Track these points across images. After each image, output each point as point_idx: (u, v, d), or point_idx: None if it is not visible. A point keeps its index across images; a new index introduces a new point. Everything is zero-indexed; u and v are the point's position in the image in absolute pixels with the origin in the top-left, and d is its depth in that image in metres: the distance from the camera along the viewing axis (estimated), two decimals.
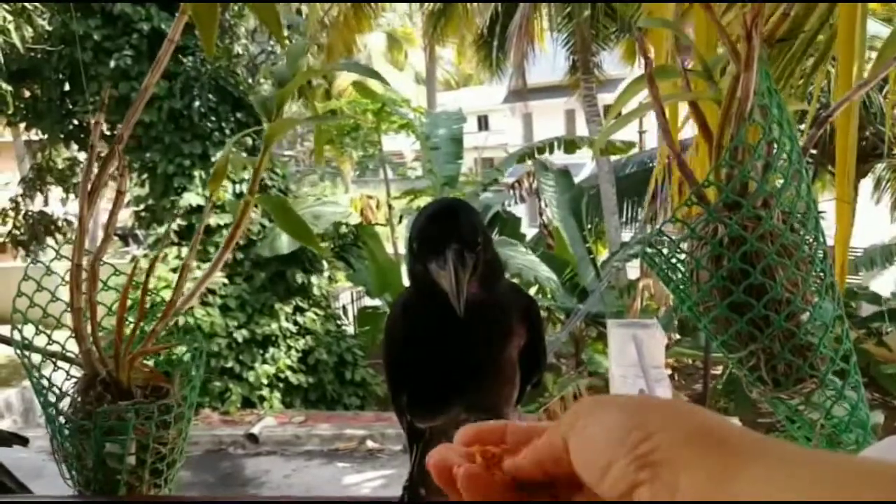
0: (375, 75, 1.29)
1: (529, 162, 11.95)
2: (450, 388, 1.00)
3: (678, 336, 8.92)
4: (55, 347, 1.25)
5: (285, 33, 10.00)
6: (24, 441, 1.34)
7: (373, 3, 13.79)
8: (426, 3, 13.97)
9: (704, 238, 1.04)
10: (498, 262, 0.96)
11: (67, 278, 1.17)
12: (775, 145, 1.02)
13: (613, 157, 11.19)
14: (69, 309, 1.17)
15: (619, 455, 0.34)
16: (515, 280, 10.62)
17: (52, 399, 1.20)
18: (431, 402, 1.05)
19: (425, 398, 1.05)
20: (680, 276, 1.11)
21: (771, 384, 1.06)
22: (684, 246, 1.11)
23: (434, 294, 0.87)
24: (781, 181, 1.03)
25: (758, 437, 0.34)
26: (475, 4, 13.38)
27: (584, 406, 0.39)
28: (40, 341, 1.22)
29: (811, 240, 1.06)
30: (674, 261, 1.11)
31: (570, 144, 11.54)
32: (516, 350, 1.00)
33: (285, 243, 8.58)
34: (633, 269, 10.37)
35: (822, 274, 1.06)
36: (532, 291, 10.87)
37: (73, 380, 1.23)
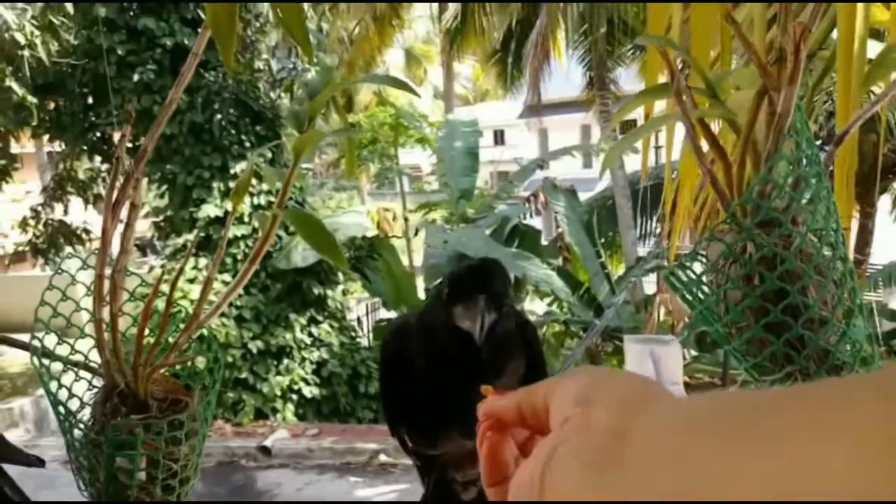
0: (404, 86, 1.29)
1: (540, 173, 11.96)
2: (447, 416, 1.02)
3: (696, 352, 8.84)
4: (77, 357, 1.25)
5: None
6: (41, 463, 1.35)
7: (395, 20, 13.88)
8: (444, 20, 14.06)
9: (738, 257, 1.03)
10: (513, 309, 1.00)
11: (91, 289, 1.18)
12: (804, 162, 1.02)
13: (629, 171, 11.17)
14: (92, 319, 1.18)
15: (568, 415, 0.39)
16: (532, 292, 10.62)
17: (69, 410, 1.20)
18: (430, 430, 1.07)
19: (424, 427, 1.06)
20: (707, 297, 1.10)
21: None
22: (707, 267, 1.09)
23: (452, 333, 0.92)
24: (811, 199, 1.03)
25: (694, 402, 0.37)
26: (492, 19, 13.44)
27: (567, 372, 0.44)
28: (63, 350, 1.22)
29: (840, 257, 1.05)
30: (703, 280, 1.10)
31: (587, 157, 11.54)
32: (518, 378, 1.03)
33: (301, 256, 8.61)
34: (649, 284, 10.31)
35: (851, 292, 1.05)
36: (547, 303, 10.85)
37: (93, 390, 1.23)
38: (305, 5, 9.37)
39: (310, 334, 9.14)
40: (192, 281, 8.22)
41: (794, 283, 1.00)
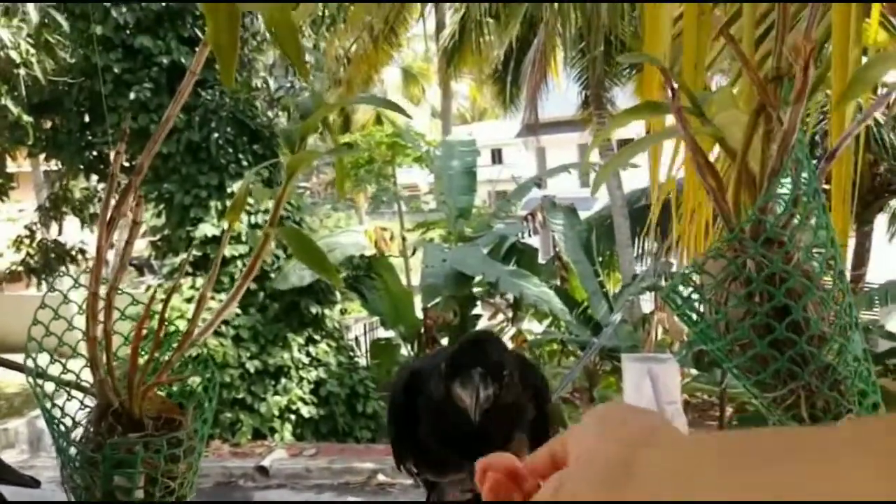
0: (396, 108, 1.30)
1: (538, 192, 11.99)
2: (457, 454, 1.04)
3: (694, 371, 8.81)
4: (70, 377, 1.24)
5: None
6: (36, 484, 1.34)
7: (392, 39, 13.96)
8: (442, 39, 14.15)
9: (739, 275, 1.03)
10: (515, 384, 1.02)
11: (84, 307, 1.17)
12: (804, 180, 1.02)
13: (627, 190, 11.20)
14: (85, 338, 1.17)
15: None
16: (532, 310, 10.60)
17: (64, 429, 1.19)
18: (439, 464, 1.11)
19: (432, 461, 1.10)
20: (706, 315, 1.10)
21: (809, 421, 1.05)
22: (708, 283, 1.09)
23: (447, 409, 0.96)
24: (810, 216, 1.03)
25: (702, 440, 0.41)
26: (490, 38, 13.53)
27: (586, 414, 0.48)
28: (55, 370, 1.22)
29: (838, 274, 1.05)
30: (705, 297, 1.10)
31: (584, 176, 11.58)
32: (526, 425, 1.07)
33: (298, 276, 8.60)
34: (646, 303, 10.30)
35: (848, 308, 1.06)
36: (546, 323, 10.84)
37: (87, 410, 1.23)
38: (302, 24, 9.43)
39: (307, 354, 9.10)
40: (189, 300, 8.20)
41: (797, 301, 1.00)
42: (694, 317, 1.12)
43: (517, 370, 1.00)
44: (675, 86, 1.01)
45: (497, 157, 28.70)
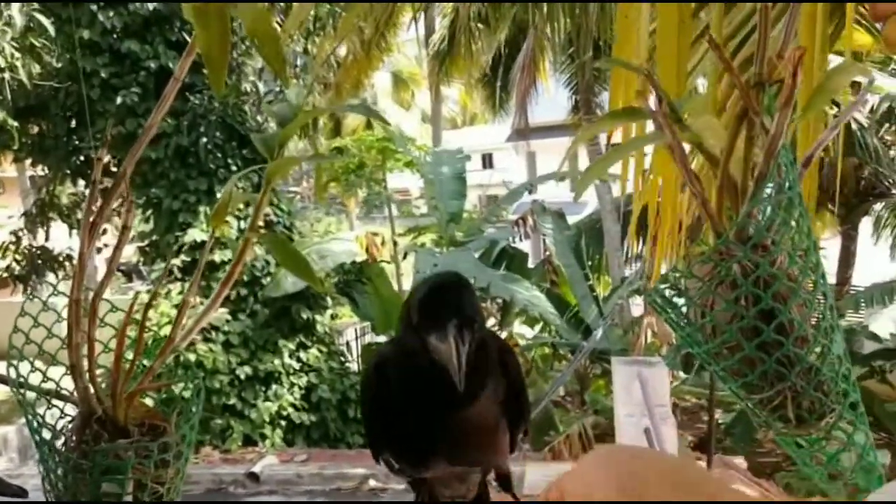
0: (377, 116, 1.30)
1: (529, 197, 12.02)
2: (431, 443, 1.01)
3: (683, 374, 8.84)
4: (51, 385, 1.24)
5: (290, 72, 10.14)
6: (24, 493, 1.34)
7: (383, 44, 13.96)
8: (432, 43, 14.16)
9: (724, 278, 1.04)
10: (484, 328, 0.97)
11: (65, 314, 1.17)
12: (787, 184, 1.03)
13: (616, 194, 11.24)
14: (66, 346, 1.16)
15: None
16: (522, 316, 10.62)
17: (47, 437, 1.19)
18: (415, 457, 1.06)
19: (408, 454, 1.05)
20: (691, 319, 1.11)
21: (794, 422, 1.06)
22: (693, 287, 1.10)
23: (428, 364, 0.89)
24: (794, 220, 1.05)
25: (730, 488, 0.37)
26: (480, 43, 13.55)
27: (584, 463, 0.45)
28: (35, 378, 1.21)
29: (820, 276, 1.07)
30: (693, 300, 1.11)
31: (575, 181, 11.60)
32: (497, 402, 1.01)
33: (290, 282, 8.58)
34: (636, 306, 10.33)
35: (830, 310, 1.08)
36: (538, 328, 10.85)
37: (69, 418, 1.22)
38: (295, 31, 9.41)
39: (298, 359, 9.07)
40: (178, 306, 8.16)
41: (783, 303, 1.02)
42: (679, 320, 1.12)
43: (488, 339, 0.96)
44: (656, 92, 1.01)
45: (488, 161, 28.76)
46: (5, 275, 10.38)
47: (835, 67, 1.17)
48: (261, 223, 1.26)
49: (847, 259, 10.49)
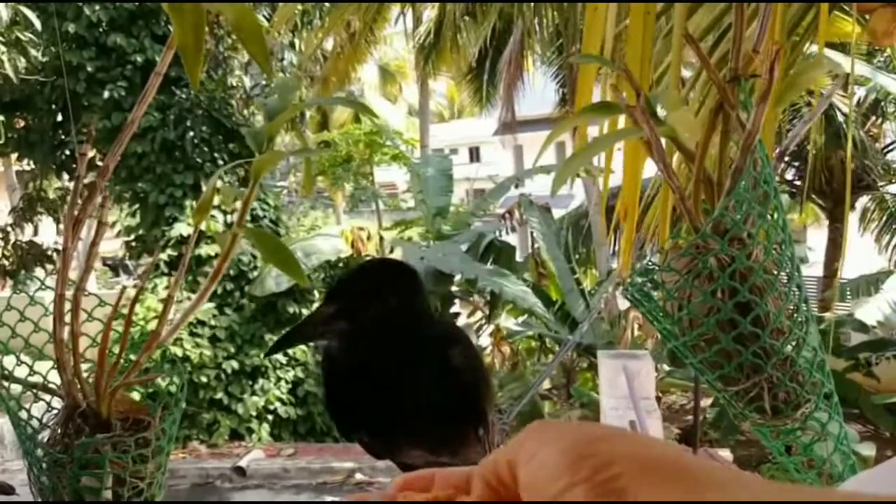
0: (365, 109, 1.31)
1: (516, 190, 12.03)
2: (388, 427, 1.01)
3: (668, 367, 8.90)
4: (37, 379, 1.24)
5: (276, 66, 10.09)
6: (11, 490, 1.34)
7: (370, 37, 13.92)
8: (418, 37, 14.13)
9: (701, 272, 1.05)
10: (419, 309, 0.99)
11: (50, 309, 1.17)
12: (764, 178, 1.05)
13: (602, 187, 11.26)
14: (52, 339, 1.17)
15: (576, 481, 0.34)
16: (509, 307, 10.63)
17: (30, 431, 1.19)
18: (378, 440, 1.07)
19: (371, 437, 1.07)
20: (669, 312, 1.12)
21: (770, 412, 1.07)
22: (670, 280, 1.11)
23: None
24: (769, 214, 1.06)
25: (716, 467, 0.34)
26: (467, 36, 13.53)
27: (532, 432, 0.38)
28: (21, 372, 1.21)
29: (795, 269, 1.09)
30: (672, 294, 1.12)
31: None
32: (454, 390, 1.01)
33: (275, 281, 8.57)
34: (623, 300, 10.38)
35: (805, 303, 1.09)
36: (523, 319, 10.87)
37: (54, 412, 1.22)
38: (280, 25, 9.37)
39: (285, 353, 9.06)
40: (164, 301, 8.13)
41: (759, 296, 1.03)
42: (656, 313, 1.13)
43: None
44: (631, 86, 1.03)
45: (475, 155, 28.75)
46: None
47: (803, 64, 1.19)
48: (248, 217, 1.26)
49: (835, 251, 10.58)
